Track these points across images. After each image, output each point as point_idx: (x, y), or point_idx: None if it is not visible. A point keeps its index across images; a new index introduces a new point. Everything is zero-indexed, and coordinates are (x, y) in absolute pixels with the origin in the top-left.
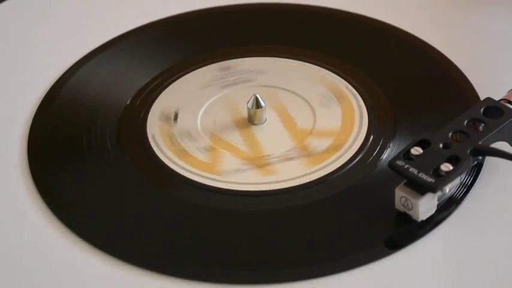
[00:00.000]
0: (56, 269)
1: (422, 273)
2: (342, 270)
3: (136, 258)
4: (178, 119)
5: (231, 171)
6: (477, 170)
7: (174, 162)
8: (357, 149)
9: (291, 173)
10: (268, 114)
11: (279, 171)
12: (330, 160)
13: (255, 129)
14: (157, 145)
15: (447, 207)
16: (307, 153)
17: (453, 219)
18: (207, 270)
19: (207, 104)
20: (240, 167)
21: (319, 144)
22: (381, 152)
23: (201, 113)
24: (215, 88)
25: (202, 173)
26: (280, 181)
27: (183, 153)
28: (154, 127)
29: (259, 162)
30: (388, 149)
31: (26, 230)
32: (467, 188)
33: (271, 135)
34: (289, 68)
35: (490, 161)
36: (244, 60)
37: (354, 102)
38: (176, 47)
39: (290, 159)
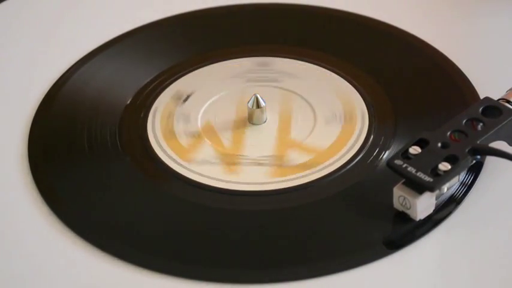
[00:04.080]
0: (56, 269)
1: (422, 273)
2: (342, 270)
3: (136, 258)
4: (187, 101)
5: (197, 162)
6: (477, 169)
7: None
8: (357, 149)
9: (251, 177)
10: (271, 117)
11: (242, 173)
12: (295, 175)
13: (250, 129)
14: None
15: (447, 206)
16: (278, 164)
17: (453, 219)
18: (207, 270)
19: (220, 94)
20: (210, 160)
21: (296, 158)
22: (381, 152)
23: (210, 102)
24: (240, 81)
25: (174, 156)
26: (236, 182)
27: (170, 134)
28: (161, 103)
29: (230, 160)
30: (388, 149)
31: (26, 229)
32: (467, 187)
33: (259, 138)
34: (313, 75)
35: (490, 161)
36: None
37: (358, 124)
38: (176, 47)
39: (260, 164)
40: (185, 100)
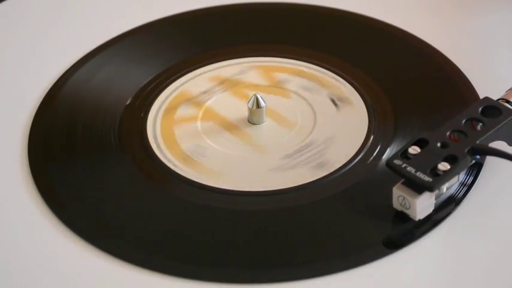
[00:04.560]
0: (56, 269)
1: (422, 273)
2: (341, 270)
3: (136, 258)
4: (188, 101)
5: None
6: (477, 169)
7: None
8: (357, 149)
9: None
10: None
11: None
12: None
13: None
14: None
15: (447, 206)
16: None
17: (453, 219)
18: (207, 270)
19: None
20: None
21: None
22: (381, 152)
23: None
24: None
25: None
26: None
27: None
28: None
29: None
30: (388, 149)
31: (26, 229)
32: (467, 187)
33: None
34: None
35: (490, 161)
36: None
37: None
38: (176, 46)
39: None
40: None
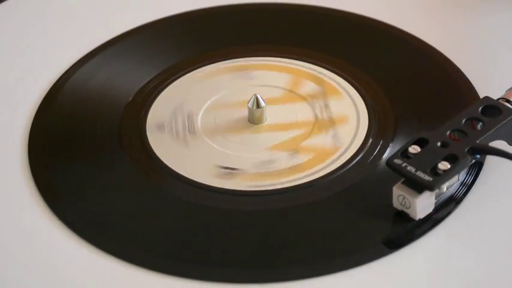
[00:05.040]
0: (56, 269)
1: (422, 272)
2: (341, 269)
3: (136, 257)
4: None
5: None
6: (477, 169)
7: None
8: (356, 149)
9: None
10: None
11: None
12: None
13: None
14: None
15: (447, 206)
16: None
17: (453, 219)
18: (207, 270)
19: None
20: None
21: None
22: (380, 152)
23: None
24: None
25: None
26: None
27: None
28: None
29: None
30: (388, 149)
31: (26, 229)
32: (467, 187)
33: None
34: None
35: (490, 161)
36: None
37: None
38: (176, 46)
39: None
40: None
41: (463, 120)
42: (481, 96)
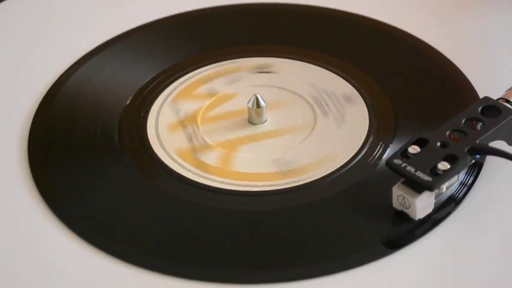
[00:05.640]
0: (56, 269)
1: (422, 273)
2: (341, 270)
3: (136, 258)
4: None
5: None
6: (478, 169)
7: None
8: (357, 149)
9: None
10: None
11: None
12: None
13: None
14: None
15: (447, 206)
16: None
17: (453, 219)
18: (207, 270)
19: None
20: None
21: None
22: (380, 152)
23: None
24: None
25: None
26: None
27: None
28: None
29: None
30: (388, 149)
31: (26, 229)
32: (467, 187)
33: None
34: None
35: (490, 161)
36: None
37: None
38: (176, 46)
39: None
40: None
41: (463, 121)
42: (481, 96)
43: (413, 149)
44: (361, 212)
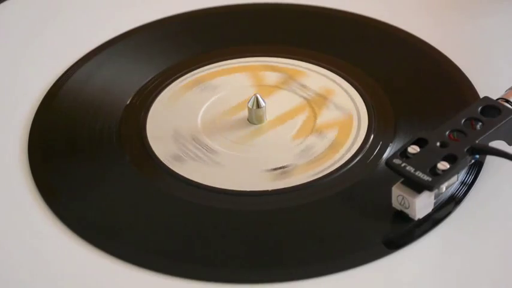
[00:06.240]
0: (56, 268)
1: (422, 273)
2: (341, 270)
3: (136, 258)
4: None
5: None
6: (477, 169)
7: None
8: (357, 149)
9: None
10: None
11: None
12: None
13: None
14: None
15: (447, 206)
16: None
17: (453, 219)
18: (207, 270)
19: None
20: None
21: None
22: (380, 152)
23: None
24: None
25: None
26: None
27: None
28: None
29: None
30: (388, 149)
31: (26, 229)
32: (467, 187)
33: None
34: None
35: (490, 161)
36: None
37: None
38: (176, 46)
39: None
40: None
41: (463, 120)
42: (481, 96)
43: (413, 149)
44: (361, 212)
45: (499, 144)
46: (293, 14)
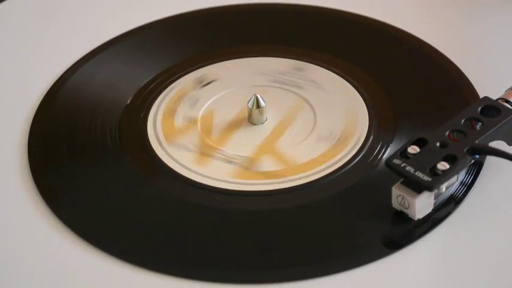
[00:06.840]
0: (56, 269)
1: (422, 273)
2: (341, 270)
3: (136, 258)
4: (205, 87)
5: (176, 144)
6: (477, 169)
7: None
8: (357, 149)
9: (213, 172)
10: (272, 119)
11: (208, 166)
12: (257, 181)
13: (246, 128)
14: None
15: (447, 206)
16: (247, 166)
17: (453, 219)
18: (207, 270)
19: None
20: (188, 146)
21: (266, 165)
22: (380, 152)
23: (223, 93)
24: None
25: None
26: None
27: (169, 112)
28: (180, 83)
29: (206, 151)
30: (388, 149)
31: (26, 229)
32: (467, 187)
33: (247, 138)
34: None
35: (490, 161)
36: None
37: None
38: (176, 46)
39: (229, 162)
40: (204, 85)
41: (462, 121)
42: (481, 96)
43: (413, 149)
44: (361, 212)
45: (499, 144)
46: (293, 14)
